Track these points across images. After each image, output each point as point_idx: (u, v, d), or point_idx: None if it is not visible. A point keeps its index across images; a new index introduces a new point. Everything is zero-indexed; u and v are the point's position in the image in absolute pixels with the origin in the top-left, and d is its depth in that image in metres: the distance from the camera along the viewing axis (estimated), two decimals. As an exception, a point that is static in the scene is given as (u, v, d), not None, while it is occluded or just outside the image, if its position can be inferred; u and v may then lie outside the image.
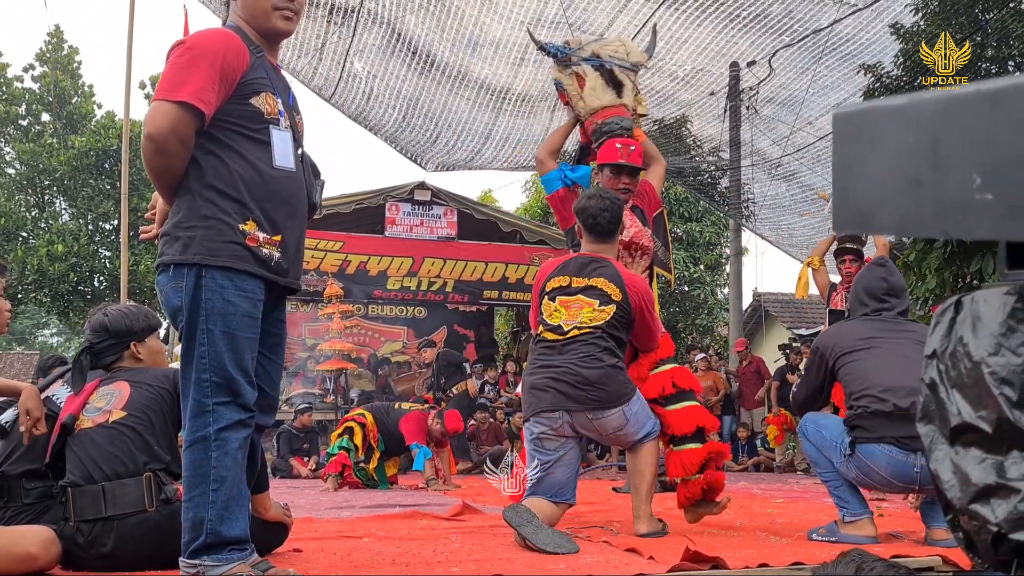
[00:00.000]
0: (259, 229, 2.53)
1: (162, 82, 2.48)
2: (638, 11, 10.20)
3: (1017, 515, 0.98)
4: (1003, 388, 0.99)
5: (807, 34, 10.90)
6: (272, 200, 2.56)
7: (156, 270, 2.59)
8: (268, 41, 2.70)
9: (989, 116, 0.91)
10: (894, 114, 1.04)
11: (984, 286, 1.09)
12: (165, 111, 2.42)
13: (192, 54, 2.47)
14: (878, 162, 1.05)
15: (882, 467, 3.49)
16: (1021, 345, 0.99)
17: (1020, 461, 0.99)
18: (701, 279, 20.61)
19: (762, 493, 7.29)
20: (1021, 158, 0.88)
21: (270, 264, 2.56)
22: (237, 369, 2.50)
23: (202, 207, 2.49)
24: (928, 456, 1.12)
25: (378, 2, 10.11)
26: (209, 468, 2.44)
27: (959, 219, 0.95)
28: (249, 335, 2.54)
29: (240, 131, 2.54)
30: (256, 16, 2.64)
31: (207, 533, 2.43)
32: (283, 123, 2.63)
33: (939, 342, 1.12)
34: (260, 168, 2.55)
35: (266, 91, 2.60)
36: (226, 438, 2.48)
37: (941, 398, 1.10)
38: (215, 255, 2.47)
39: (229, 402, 2.49)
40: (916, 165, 1.00)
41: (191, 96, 2.42)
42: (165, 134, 2.41)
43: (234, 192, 2.50)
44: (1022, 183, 0.88)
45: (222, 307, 2.47)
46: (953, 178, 0.95)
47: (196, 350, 2.48)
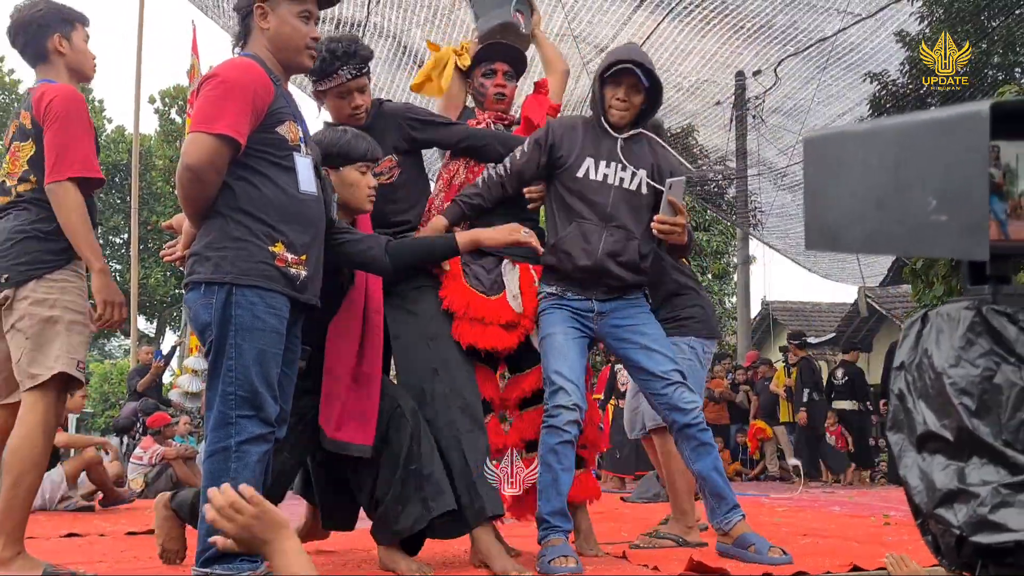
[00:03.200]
0: (287, 250, 2.64)
1: (198, 114, 2.61)
2: (643, 23, 10.29)
3: (977, 518, 1.03)
4: (962, 398, 1.05)
5: (812, 43, 10.97)
6: (298, 222, 2.68)
7: (185, 288, 2.70)
8: (287, 73, 2.84)
9: (943, 143, 0.97)
10: (859, 139, 1.10)
11: (948, 301, 1.15)
12: (203, 143, 2.54)
13: (225, 87, 2.59)
14: (845, 184, 1.11)
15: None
16: (979, 357, 1.05)
17: (979, 467, 1.04)
18: (709, 288, 20.64)
19: (770, 503, 7.31)
20: (971, 182, 0.94)
21: (296, 283, 2.66)
22: (263, 383, 2.59)
23: (233, 229, 2.60)
24: (898, 463, 1.17)
25: (384, 16, 10.23)
26: (228, 479, 2.44)
27: (918, 239, 1.01)
28: (275, 350, 2.64)
29: (267, 158, 2.65)
30: (288, 51, 2.76)
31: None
32: (304, 149, 2.75)
33: (907, 354, 1.18)
34: (288, 192, 2.67)
35: (289, 120, 2.72)
36: (247, 450, 2.55)
37: (908, 408, 1.15)
38: (246, 275, 2.57)
39: (252, 416, 2.57)
40: (879, 187, 1.06)
41: (228, 128, 2.54)
42: (204, 165, 2.54)
43: (264, 215, 2.62)
44: (973, 206, 0.94)
45: (251, 323, 2.57)
46: (912, 200, 1.01)
47: (224, 364, 2.56)
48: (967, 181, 0.94)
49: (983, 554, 1.05)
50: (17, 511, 3.04)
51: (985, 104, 0.90)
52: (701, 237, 20.17)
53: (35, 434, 3.04)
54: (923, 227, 1.01)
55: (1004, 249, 1.06)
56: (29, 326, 3.09)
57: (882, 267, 14.75)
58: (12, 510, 3.03)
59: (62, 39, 3.29)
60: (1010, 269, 1.11)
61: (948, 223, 0.97)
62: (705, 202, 16.39)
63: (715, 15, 10.27)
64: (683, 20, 10.33)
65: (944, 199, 0.98)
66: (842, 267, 15.31)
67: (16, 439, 3.05)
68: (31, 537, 3.96)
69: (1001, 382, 1.04)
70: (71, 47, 3.31)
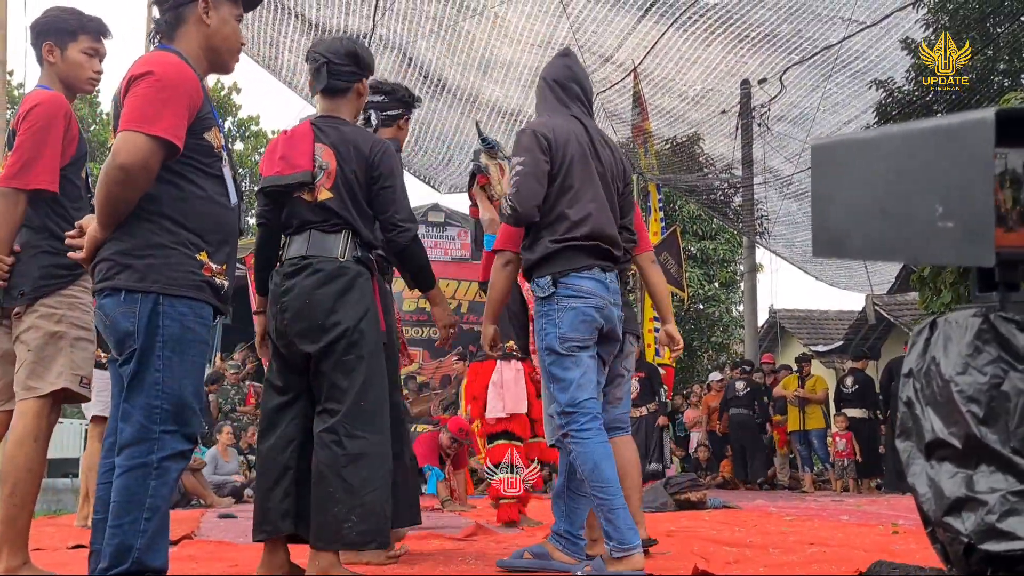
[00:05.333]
0: (210, 259, 2.55)
1: (134, 112, 2.42)
2: (647, 33, 10.31)
3: (985, 526, 1.03)
4: (970, 406, 1.04)
5: (817, 51, 10.97)
6: (221, 232, 2.60)
7: (97, 294, 2.55)
8: (209, 73, 2.72)
9: (948, 149, 0.97)
10: (865, 146, 1.10)
11: (957, 308, 1.15)
12: (139, 143, 2.38)
13: (162, 86, 2.44)
14: (851, 191, 1.11)
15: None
16: (987, 364, 1.05)
17: (987, 475, 1.04)
18: (716, 297, 20.61)
19: (778, 511, 7.28)
20: (977, 189, 0.93)
21: (220, 293, 2.59)
22: (194, 396, 2.52)
23: (156, 236, 2.48)
24: (906, 471, 1.17)
25: (390, 28, 10.27)
26: (145, 496, 2.40)
27: (924, 245, 1.01)
28: (202, 362, 2.58)
29: (194, 164, 2.54)
30: (223, 51, 2.67)
31: (132, 561, 2.39)
32: (225, 158, 2.66)
33: (915, 361, 1.17)
34: (215, 201, 2.58)
35: (215, 126, 2.62)
36: (167, 467, 2.45)
37: (917, 415, 1.15)
38: (176, 284, 2.47)
39: (175, 431, 2.46)
40: (884, 194, 1.06)
41: (166, 131, 2.41)
42: (138, 167, 2.39)
43: (189, 223, 2.51)
44: (977, 212, 0.93)
45: (182, 334, 2.47)
46: (918, 207, 1.01)
47: (149, 376, 2.44)
48: (972, 188, 0.94)
49: (992, 562, 1.05)
50: (18, 519, 3.04)
51: (990, 111, 0.90)
52: (708, 246, 20.16)
53: (27, 441, 3.04)
54: (929, 234, 1.00)
55: (1014, 255, 1.05)
56: (34, 339, 3.10)
57: (889, 274, 14.71)
58: (13, 519, 3.03)
59: (53, 48, 3.25)
60: (1020, 276, 1.11)
61: (954, 230, 0.97)
62: (711, 210, 16.38)
63: (719, 24, 10.28)
64: (688, 29, 10.35)
65: (950, 206, 0.97)
66: (849, 275, 15.28)
67: (10, 447, 3.07)
68: (38, 548, 3.97)
69: (1009, 389, 1.04)
70: (62, 58, 3.26)
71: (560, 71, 3.47)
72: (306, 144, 3.11)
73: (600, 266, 3.21)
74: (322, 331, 3.00)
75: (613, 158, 3.36)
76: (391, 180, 3.15)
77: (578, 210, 3.19)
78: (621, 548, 3.04)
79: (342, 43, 3.32)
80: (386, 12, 10.12)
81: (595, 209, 3.22)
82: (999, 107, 0.90)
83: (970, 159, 0.94)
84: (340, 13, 10.08)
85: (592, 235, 3.19)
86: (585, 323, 3.15)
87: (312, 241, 3.07)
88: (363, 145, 3.11)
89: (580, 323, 3.15)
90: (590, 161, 3.27)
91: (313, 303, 3.02)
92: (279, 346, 3.11)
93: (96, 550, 2.50)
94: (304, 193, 3.09)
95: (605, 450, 3.11)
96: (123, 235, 2.49)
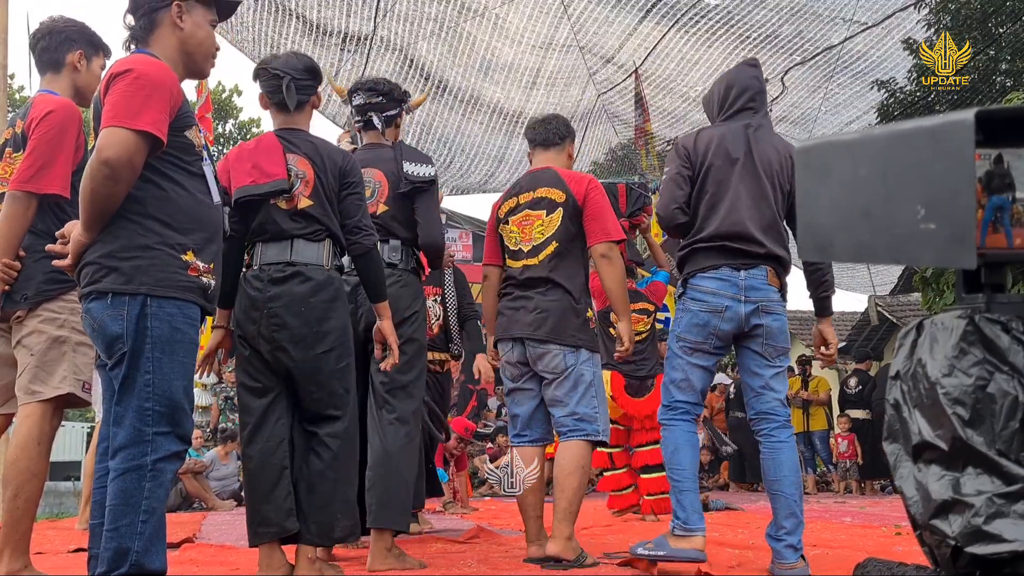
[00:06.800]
0: (197, 258, 2.55)
1: (117, 108, 2.42)
2: (649, 34, 10.31)
3: (971, 529, 1.02)
4: (956, 408, 1.04)
5: (819, 52, 10.96)
6: (206, 230, 2.60)
7: (84, 298, 2.55)
8: (184, 77, 2.74)
9: (930, 151, 0.96)
10: (848, 148, 1.10)
11: (943, 310, 1.14)
12: (124, 138, 2.39)
13: (144, 83, 2.45)
14: (835, 193, 1.11)
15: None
16: (972, 366, 1.04)
17: (974, 477, 1.03)
18: (719, 297, 20.56)
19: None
20: (959, 190, 0.93)
21: (207, 292, 2.59)
22: (184, 397, 2.52)
23: (142, 237, 2.47)
24: (894, 473, 1.17)
25: (391, 30, 10.27)
26: (141, 499, 2.41)
27: (907, 248, 1.00)
28: (192, 362, 2.59)
29: (176, 162, 2.55)
30: (196, 57, 2.69)
31: (131, 564, 2.39)
32: (206, 157, 2.67)
33: (902, 363, 1.17)
34: (197, 199, 2.58)
35: (194, 125, 2.64)
36: (162, 468, 2.44)
37: (904, 417, 1.14)
38: (163, 286, 2.47)
39: (168, 432, 2.46)
40: (868, 197, 1.05)
41: (150, 125, 2.41)
42: (123, 162, 2.39)
43: (175, 223, 2.51)
44: (961, 214, 0.93)
45: (171, 335, 2.47)
46: (900, 209, 1.01)
47: (140, 378, 2.45)
48: (953, 189, 0.94)
49: (979, 565, 1.04)
50: (21, 523, 3.05)
51: (970, 112, 0.90)
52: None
53: (30, 445, 3.05)
54: (911, 236, 1.00)
55: (1001, 257, 1.05)
56: (37, 343, 3.10)
57: (892, 275, 14.68)
58: (16, 521, 3.04)
59: (83, 57, 3.35)
60: (1006, 277, 1.10)
61: (936, 232, 0.97)
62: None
63: (721, 25, 10.27)
64: (689, 30, 10.34)
65: (932, 207, 0.97)
66: (852, 276, 15.24)
67: (13, 451, 3.08)
68: (39, 552, 3.98)
69: (994, 391, 1.03)
70: (87, 68, 3.36)
71: (726, 78, 3.63)
72: (277, 155, 3.22)
73: (730, 264, 3.33)
74: (317, 338, 3.10)
75: (777, 157, 3.44)
76: (360, 188, 3.33)
77: (710, 212, 3.37)
78: (685, 528, 3.30)
79: (299, 58, 3.43)
80: (387, 14, 10.12)
81: (728, 210, 3.34)
82: (979, 108, 0.90)
83: (952, 160, 0.94)
84: (341, 15, 10.08)
85: (718, 235, 3.33)
86: (697, 327, 3.35)
87: (296, 249, 3.16)
88: (336, 156, 3.29)
89: (693, 326, 3.36)
90: (736, 164, 3.38)
91: (308, 311, 3.10)
92: (262, 352, 3.15)
93: (95, 555, 2.50)
94: (280, 201, 3.18)
95: (687, 439, 3.42)
96: (108, 238, 2.49)
